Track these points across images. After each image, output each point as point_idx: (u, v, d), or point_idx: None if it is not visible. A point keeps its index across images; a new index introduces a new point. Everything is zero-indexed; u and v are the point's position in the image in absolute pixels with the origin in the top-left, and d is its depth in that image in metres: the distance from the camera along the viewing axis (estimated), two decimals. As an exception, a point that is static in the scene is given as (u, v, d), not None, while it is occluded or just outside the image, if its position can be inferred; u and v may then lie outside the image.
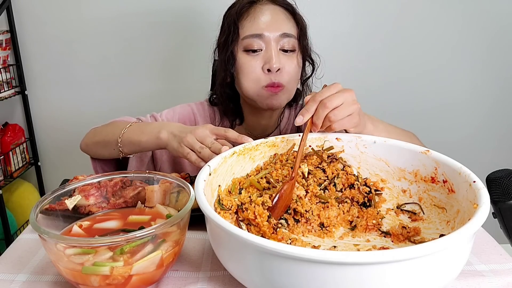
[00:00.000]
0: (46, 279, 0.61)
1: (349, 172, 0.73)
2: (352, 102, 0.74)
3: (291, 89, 1.00)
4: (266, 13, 0.96)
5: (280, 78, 0.95)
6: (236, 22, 0.97)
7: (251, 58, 0.95)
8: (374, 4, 1.72)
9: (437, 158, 0.67)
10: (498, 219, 0.68)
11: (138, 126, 0.89)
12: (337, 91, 0.73)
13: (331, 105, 0.71)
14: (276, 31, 0.94)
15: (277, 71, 0.94)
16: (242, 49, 0.96)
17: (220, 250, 0.54)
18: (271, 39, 0.94)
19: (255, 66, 0.95)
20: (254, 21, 0.95)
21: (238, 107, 1.09)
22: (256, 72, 0.95)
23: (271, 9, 0.96)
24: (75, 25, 1.72)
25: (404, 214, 0.69)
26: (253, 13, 0.96)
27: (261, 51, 0.95)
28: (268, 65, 0.94)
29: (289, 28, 0.96)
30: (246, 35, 0.95)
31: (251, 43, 0.95)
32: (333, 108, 0.71)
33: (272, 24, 0.95)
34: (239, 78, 0.98)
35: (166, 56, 1.77)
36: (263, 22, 0.95)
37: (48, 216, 0.61)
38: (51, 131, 1.85)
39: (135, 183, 0.70)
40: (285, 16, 0.97)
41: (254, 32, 0.94)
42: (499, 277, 0.59)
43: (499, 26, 1.77)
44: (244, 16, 0.97)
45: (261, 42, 0.95)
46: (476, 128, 1.90)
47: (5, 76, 1.68)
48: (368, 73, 1.81)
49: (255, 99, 0.99)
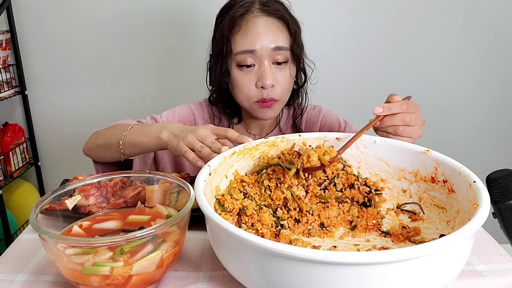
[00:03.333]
0: (46, 279, 0.61)
1: (349, 172, 0.73)
2: (420, 129, 0.79)
3: (284, 100, 1.02)
4: (258, 27, 0.93)
5: (273, 93, 0.96)
6: (228, 37, 0.95)
7: (244, 74, 0.96)
8: (374, 4, 1.72)
9: (437, 158, 0.67)
10: (498, 219, 0.68)
11: (139, 128, 0.89)
12: (417, 112, 0.78)
13: (409, 121, 0.76)
14: (268, 45, 0.93)
15: (271, 86, 0.95)
16: (235, 64, 0.96)
17: (220, 250, 0.54)
18: (263, 54, 0.93)
19: (249, 83, 0.96)
20: (246, 36, 0.93)
21: (236, 108, 1.09)
22: (250, 88, 0.96)
23: (263, 21, 0.94)
24: (75, 25, 1.72)
25: (404, 214, 0.69)
26: (244, 26, 0.94)
27: (254, 67, 0.95)
28: (261, 82, 0.94)
29: (282, 40, 0.95)
30: (238, 51, 0.94)
31: (243, 59, 0.94)
32: (406, 124, 0.76)
33: (265, 38, 0.93)
34: (234, 92, 1.00)
35: (166, 56, 1.77)
36: (255, 36, 0.93)
37: (48, 216, 0.61)
38: (51, 131, 1.85)
39: (135, 183, 0.70)
40: (277, 28, 0.95)
41: (247, 48, 0.93)
42: (499, 277, 0.59)
43: (499, 26, 1.77)
44: (236, 30, 0.95)
45: (254, 58, 0.94)
46: (476, 128, 1.90)
47: (5, 76, 1.68)
48: (368, 73, 1.81)
49: (249, 111, 1.01)
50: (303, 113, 1.12)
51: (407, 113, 0.76)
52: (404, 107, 0.76)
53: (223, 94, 1.05)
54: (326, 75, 1.55)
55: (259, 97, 0.96)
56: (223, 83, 0.99)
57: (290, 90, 1.02)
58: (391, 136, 0.78)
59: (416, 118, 0.77)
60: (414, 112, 0.77)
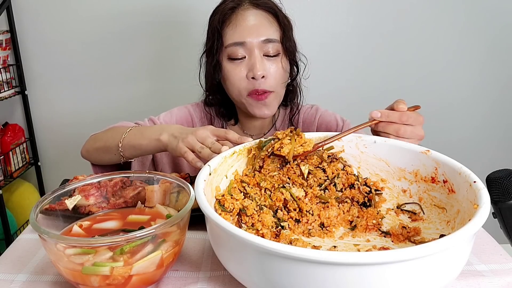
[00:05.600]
0: (46, 279, 0.61)
1: (349, 172, 0.73)
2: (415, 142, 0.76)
3: (280, 92, 1.01)
4: (248, 19, 0.95)
5: (265, 84, 0.96)
6: (220, 30, 0.96)
7: (235, 66, 0.96)
8: (373, 3, 1.72)
9: (437, 158, 0.67)
10: (498, 219, 0.68)
11: (138, 130, 0.89)
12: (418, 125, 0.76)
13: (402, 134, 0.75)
14: (258, 37, 0.94)
15: (262, 77, 0.95)
16: (226, 57, 0.97)
17: (220, 250, 0.54)
18: (254, 46, 0.94)
19: (240, 75, 0.96)
20: (236, 29, 0.95)
21: (231, 108, 1.09)
22: (241, 80, 0.96)
23: (253, 14, 0.96)
24: (75, 25, 1.72)
25: (404, 214, 0.69)
26: (235, 20, 0.96)
27: (244, 59, 0.96)
28: (252, 73, 0.94)
29: (272, 32, 0.96)
30: (229, 43, 0.95)
31: (234, 52, 0.95)
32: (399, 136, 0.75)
33: (254, 30, 0.94)
34: (226, 85, 1.00)
35: (166, 56, 1.77)
36: (245, 29, 0.94)
37: (48, 216, 0.61)
38: (51, 131, 1.85)
39: (135, 183, 0.70)
40: (267, 21, 0.96)
41: (237, 40, 0.95)
42: (499, 277, 0.59)
43: (499, 26, 1.77)
44: (226, 24, 0.96)
45: (244, 49, 0.95)
46: (476, 128, 1.90)
47: (5, 76, 1.68)
48: (368, 73, 1.81)
49: (245, 107, 1.00)
50: (299, 111, 1.12)
51: (402, 125, 0.75)
52: (404, 119, 0.75)
53: (216, 92, 1.05)
54: (325, 74, 1.56)
55: (250, 88, 0.96)
56: (215, 77, 1.00)
57: (284, 84, 1.02)
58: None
59: (412, 132, 0.75)
60: (414, 125, 0.76)
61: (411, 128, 0.75)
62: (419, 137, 0.77)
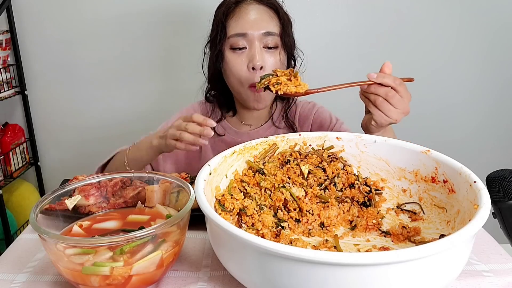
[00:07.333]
0: (46, 279, 0.61)
1: (349, 172, 0.73)
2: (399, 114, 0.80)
3: None
4: (250, 12, 1.01)
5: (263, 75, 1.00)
6: (223, 22, 1.03)
7: (236, 56, 1.02)
8: (373, 3, 1.72)
9: (437, 158, 0.67)
10: (498, 219, 0.68)
11: (135, 147, 1.02)
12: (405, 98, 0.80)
13: (391, 97, 0.78)
14: (259, 30, 1.00)
15: (260, 68, 0.99)
16: (228, 47, 1.03)
17: (220, 250, 0.54)
18: (254, 37, 1.00)
19: (241, 64, 1.01)
20: (239, 21, 1.01)
21: (230, 99, 1.14)
22: (242, 70, 1.01)
23: (255, 8, 1.02)
24: (75, 25, 1.72)
25: (404, 214, 0.69)
26: (238, 12, 1.02)
27: (245, 49, 1.01)
28: (251, 63, 1.00)
29: (272, 26, 1.02)
30: (231, 34, 1.01)
31: (236, 42, 1.01)
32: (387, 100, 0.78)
33: (256, 23, 1.00)
34: (227, 75, 1.05)
35: (167, 56, 1.77)
36: (247, 22, 1.00)
37: (48, 216, 0.61)
38: (51, 131, 1.85)
39: (135, 183, 0.70)
40: (268, 15, 1.02)
41: (239, 31, 1.00)
42: (499, 277, 0.59)
43: (499, 26, 1.77)
44: (230, 16, 1.02)
45: (246, 40, 1.01)
46: (476, 128, 1.90)
47: (5, 76, 1.68)
48: (366, 72, 1.80)
49: (243, 99, 1.06)
50: (297, 105, 1.17)
51: (393, 90, 0.78)
52: (397, 82, 0.78)
53: (217, 81, 1.10)
54: (324, 73, 1.55)
55: (251, 81, 1.01)
56: (217, 66, 1.06)
57: None
58: (369, 106, 0.81)
59: (400, 101, 0.79)
60: (403, 97, 0.79)
61: (399, 97, 0.79)
62: (404, 110, 0.80)
